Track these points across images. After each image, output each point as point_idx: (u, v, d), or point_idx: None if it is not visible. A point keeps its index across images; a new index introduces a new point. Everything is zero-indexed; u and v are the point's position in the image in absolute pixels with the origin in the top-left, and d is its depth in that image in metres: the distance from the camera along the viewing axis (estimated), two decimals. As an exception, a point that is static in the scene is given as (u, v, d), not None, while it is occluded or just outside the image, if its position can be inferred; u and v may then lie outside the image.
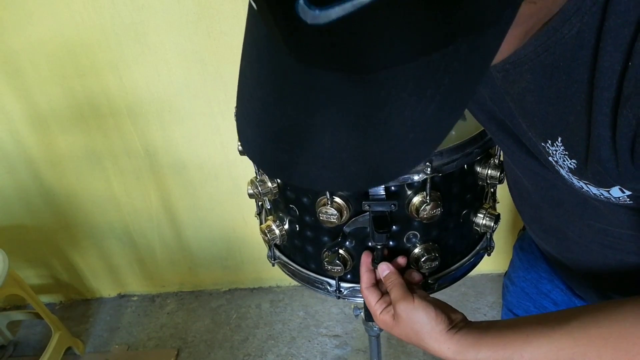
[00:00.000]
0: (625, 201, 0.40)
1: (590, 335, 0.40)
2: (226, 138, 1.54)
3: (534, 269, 0.77)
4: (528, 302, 0.79)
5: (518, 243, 0.83)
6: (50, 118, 1.51)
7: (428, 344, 0.54)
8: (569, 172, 0.41)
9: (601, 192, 0.41)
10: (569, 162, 0.40)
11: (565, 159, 0.40)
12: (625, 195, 0.39)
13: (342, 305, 1.80)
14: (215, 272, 1.92)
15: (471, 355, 0.49)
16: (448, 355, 0.52)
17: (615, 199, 0.41)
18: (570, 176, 0.42)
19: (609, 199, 0.41)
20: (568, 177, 0.42)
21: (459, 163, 0.64)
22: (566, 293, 0.72)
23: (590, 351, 0.40)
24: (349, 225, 0.66)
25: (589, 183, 0.40)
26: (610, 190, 0.40)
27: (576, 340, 0.41)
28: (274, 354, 1.68)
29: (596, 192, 0.41)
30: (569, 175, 0.42)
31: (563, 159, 0.40)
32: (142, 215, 1.75)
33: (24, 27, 1.34)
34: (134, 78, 1.43)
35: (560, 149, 0.40)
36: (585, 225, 0.51)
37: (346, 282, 0.75)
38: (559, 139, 0.39)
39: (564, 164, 0.41)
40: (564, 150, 0.39)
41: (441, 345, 0.53)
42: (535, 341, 0.44)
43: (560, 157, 0.40)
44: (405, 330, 0.57)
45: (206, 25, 1.33)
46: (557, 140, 0.39)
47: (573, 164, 0.39)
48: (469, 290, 1.80)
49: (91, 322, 1.89)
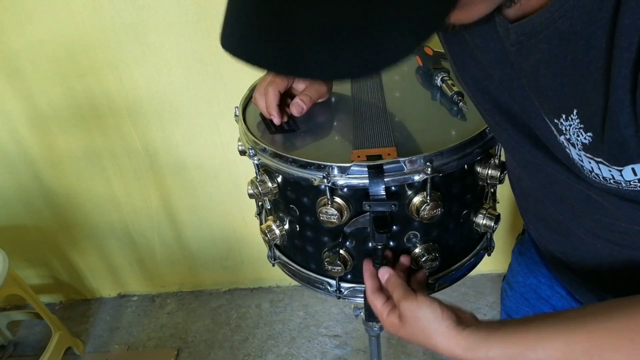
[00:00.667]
0: (636, 186, 0.39)
1: (606, 329, 0.39)
2: (226, 138, 1.54)
3: (533, 274, 0.76)
4: (527, 307, 0.78)
5: (517, 248, 0.82)
6: (50, 118, 1.51)
7: (437, 341, 0.52)
8: (581, 151, 0.40)
9: (612, 175, 0.39)
10: (583, 136, 0.38)
11: (579, 133, 0.39)
12: (636, 178, 0.38)
13: (342, 305, 1.80)
14: (215, 272, 1.92)
15: (482, 352, 0.47)
16: (458, 352, 0.50)
17: (626, 183, 0.39)
18: (581, 156, 0.40)
19: (619, 185, 0.40)
20: (578, 159, 0.41)
21: (459, 163, 0.64)
22: (566, 299, 0.71)
23: (607, 344, 0.39)
24: (350, 225, 0.66)
25: (602, 162, 0.39)
26: (623, 171, 0.38)
27: (592, 333, 0.40)
28: (274, 354, 1.68)
29: (607, 174, 0.39)
30: (579, 155, 0.40)
31: (577, 134, 0.39)
32: (142, 215, 1.75)
33: (24, 27, 1.34)
34: (134, 78, 1.43)
35: (575, 122, 0.39)
36: (591, 220, 0.50)
37: (346, 282, 0.75)
38: (574, 111, 0.38)
39: (578, 140, 0.39)
40: (579, 124, 0.38)
41: (450, 341, 0.51)
42: (548, 336, 0.42)
43: (575, 132, 0.39)
44: (412, 330, 0.55)
45: (206, 25, 1.33)
46: (572, 113, 0.38)
47: (588, 138, 0.38)
48: (469, 290, 1.80)
49: (91, 322, 1.89)
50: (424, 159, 0.61)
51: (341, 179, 0.62)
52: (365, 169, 0.61)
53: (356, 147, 0.66)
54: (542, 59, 0.39)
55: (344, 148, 0.68)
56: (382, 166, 0.61)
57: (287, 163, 0.66)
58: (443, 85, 0.79)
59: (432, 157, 0.62)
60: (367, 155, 0.63)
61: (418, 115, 0.78)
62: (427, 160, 0.61)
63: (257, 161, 0.70)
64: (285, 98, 0.76)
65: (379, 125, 0.70)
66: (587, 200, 0.47)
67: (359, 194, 0.64)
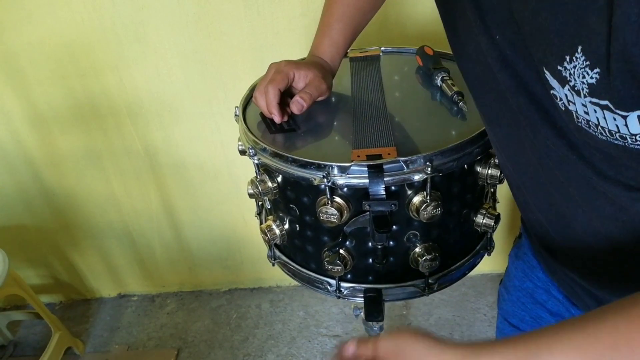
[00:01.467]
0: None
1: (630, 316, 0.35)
2: (226, 138, 1.54)
3: (529, 278, 0.76)
4: (523, 311, 0.78)
5: (513, 251, 0.82)
6: (50, 118, 1.51)
7: None
8: (587, 97, 0.38)
9: (617, 127, 0.37)
10: (589, 75, 0.36)
11: (585, 73, 0.37)
12: None
13: (342, 305, 1.80)
14: (215, 272, 1.92)
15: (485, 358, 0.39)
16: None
17: (632, 138, 0.37)
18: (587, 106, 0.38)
19: (625, 141, 0.38)
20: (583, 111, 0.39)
21: (459, 163, 0.64)
22: (563, 303, 0.71)
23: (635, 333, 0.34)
24: (349, 225, 0.66)
25: (607, 106, 0.36)
26: (628, 119, 0.36)
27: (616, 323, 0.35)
28: (274, 354, 1.68)
29: (612, 126, 0.37)
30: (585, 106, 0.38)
31: (583, 75, 0.37)
32: (142, 215, 1.75)
33: (24, 27, 1.34)
34: (134, 78, 1.43)
35: (581, 61, 0.37)
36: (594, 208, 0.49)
37: (346, 282, 0.75)
38: (578, 48, 0.37)
39: (584, 83, 0.37)
40: (584, 61, 0.37)
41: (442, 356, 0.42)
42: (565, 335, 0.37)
43: (580, 73, 0.37)
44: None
45: (206, 25, 1.33)
46: (577, 51, 0.37)
47: (595, 76, 0.36)
48: (469, 290, 1.80)
49: (91, 322, 1.89)
50: (423, 159, 0.61)
51: (341, 179, 0.62)
52: (365, 168, 0.61)
53: (356, 146, 0.66)
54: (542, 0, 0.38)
55: (343, 148, 0.68)
56: (382, 166, 0.61)
57: (287, 163, 0.66)
58: (443, 85, 0.79)
59: (432, 157, 0.62)
60: (367, 155, 0.63)
61: (418, 115, 0.78)
62: (427, 160, 0.61)
63: (257, 161, 0.70)
64: (285, 97, 0.76)
65: (379, 125, 0.70)
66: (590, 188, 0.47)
67: (358, 193, 0.64)
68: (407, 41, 1.35)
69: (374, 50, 0.96)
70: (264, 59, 1.36)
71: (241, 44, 1.36)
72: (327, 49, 0.81)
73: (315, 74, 0.76)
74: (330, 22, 0.81)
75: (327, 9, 0.81)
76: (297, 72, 0.76)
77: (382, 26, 1.34)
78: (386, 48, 0.96)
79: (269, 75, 0.75)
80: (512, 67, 0.47)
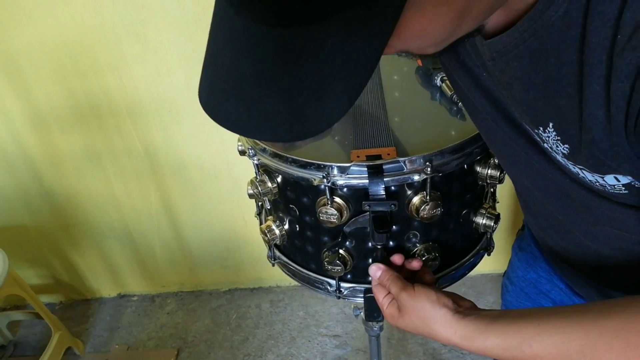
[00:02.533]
0: (621, 190, 0.40)
1: (602, 327, 0.39)
2: (226, 138, 1.54)
3: (532, 268, 0.77)
4: (527, 302, 0.78)
5: (517, 243, 0.83)
6: (50, 118, 1.51)
7: (434, 329, 0.52)
8: (563, 158, 0.41)
9: (596, 179, 0.40)
10: (562, 147, 0.40)
11: (558, 144, 0.40)
12: (620, 184, 0.39)
13: (342, 305, 1.80)
14: (215, 272, 1.92)
15: (479, 342, 0.47)
16: (455, 340, 0.50)
17: (611, 187, 0.40)
18: (565, 162, 0.41)
19: (605, 188, 0.41)
20: (564, 163, 0.42)
21: (458, 163, 0.64)
22: (566, 292, 0.72)
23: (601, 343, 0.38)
24: (349, 225, 0.66)
25: (584, 168, 0.40)
26: (605, 178, 0.39)
27: (588, 332, 0.40)
28: (274, 354, 1.68)
29: (592, 178, 0.41)
30: (564, 160, 0.41)
31: (556, 145, 0.40)
32: (142, 215, 1.75)
33: (24, 27, 1.34)
34: (134, 78, 1.43)
35: (553, 135, 0.40)
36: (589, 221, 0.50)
37: (346, 282, 0.75)
38: (550, 124, 0.39)
39: (558, 149, 0.40)
40: (555, 136, 0.39)
41: (447, 329, 0.51)
42: (546, 332, 0.42)
43: (554, 142, 0.40)
44: (411, 320, 0.56)
45: (206, 25, 1.32)
46: (549, 126, 0.39)
47: (566, 149, 0.39)
48: (469, 290, 1.80)
49: (91, 322, 1.89)
50: (423, 159, 0.61)
51: (341, 179, 0.62)
52: (364, 169, 0.61)
53: (356, 147, 0.66)
54: (515, 76, 0.40)
55: (343, 148, 0.68)
56: (382, 166, 0.61)
57: (287, 163, 0.66)
58: (443, 85, 0.79)
59: (431, 157, 0.62)
60: (366, 155, 0.63)
61: (417, 115, 0.78)
62: (426, 160, 0.61)
63: (256, 161, 0.70)
64: None
65: (379, 125, 0.70)
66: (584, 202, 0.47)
67: (358, 193, 0.64)
68: (407, 41, 1.35)
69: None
70: (264, 59, 1.37)
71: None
72: None
73: None
74: None
75: None
76: None
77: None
78: (386, 48, 0.96)
79: None
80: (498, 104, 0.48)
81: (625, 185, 0.39)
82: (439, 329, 0.52)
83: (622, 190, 0.40)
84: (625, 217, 0.45)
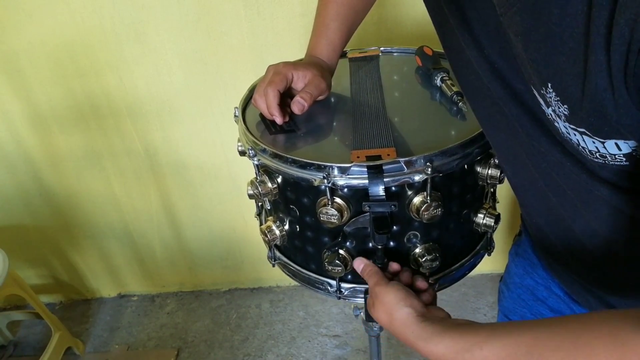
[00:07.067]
0: (622, 161, 0.39)
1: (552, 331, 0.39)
2: (226, 138, 1.54)
3: (529, 275, 0.76)
4: (524, 308, 0.78)
5: (513, 249, 0.82)
6: (50, 118, 1.51)
7: (395, 326, 0.54)
8: (565, 122, 0.40)
9: (597, 148, 0.39)
10: (562, 108, 0.39)
11: (558, 105, 0.39)
12: (621, 153, 0.38)
13: (342, 305, 1.81)
14: (215, 272, 1.92)
15: (432, 344, 0.48)
16: (410, 339, 0.51)
17: (612, 157, 0.39)
18: (567, 128, 0.40)
19: (605, 159, 0.40)
20: (565, 132, 0.41)
21: (459, 163, 0.64)
22: (563, 299, 0.71)
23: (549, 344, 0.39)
24: (350, 225, 0.66)
25: (585, 132, 0.39)
26: (606, 144, 0.38)
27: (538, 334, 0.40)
28: (274, 354, 1.68)
29: (592, 147, 0.40)
30: (566, 127, 0.40)
31: (557, 106, 0.39)
32: (142, 215, 1.75)
33: (24, 27, 1.34)
34: (134, 78, 1.43)
35: (553, 95, 0.39)
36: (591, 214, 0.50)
37: (347, 283, 0.75)
38: (549, 85, 0.38)
39: (559, 111, 0.39)
40: (555, 96, 0.38)
41: (405, 328, 0.52)
42: (498, 335, 0.43)
43: (555, 104, 0.39)
44: (379, 314, 0.58)
45: (206, 25, 1.33)
46: (548, 86, 0.39)
47: (565, 111, 0.38)
48: (469, 290, 1.80)
49: (91, 322, 1.89)
50: (423, 159, 0.61)
51: (341, 180, 0.62)
52: (365, 169, 0.61)
53: (356, 147, 0.66)
54: (517, 32, 0.39)
55: (343, 148, 0.68)
56: (382, 166, 0.61)
57: (287, 163, 0.66)
58: (443, 85, 0.79)
59: (432, 157, 0.62)
60: (366, 156, 0.63)
61: (418, 116, 0.78)
62: (427, 160, 0.61)
63: (256, 162, 0.70)
64: (285, 98, 0.76)
65: (379, 125, 0.70)
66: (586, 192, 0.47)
67: (359, 194, 0.64)
68: (406, 41, 1.35)
69: (373, 51, 0.95)
70: (264, 59, 1.37)
71: (241, 44, 1.36)
72: (324, 48, 0.81)
73: (314, 74, 0.76)
74: (325, 21, 0.81)
75: (321, 9, 0.81)
76: (295, 72, 0.76)
77: (381, 26, 1.34)
78: (385, 48, 0.96)
79: (268, 77, 0.75)
80: (503, 78, 0.47)
81: (626, 156, 0.39)
82: (399, 326, 0.53)
83: (623, 161, 0.39)
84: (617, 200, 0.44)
